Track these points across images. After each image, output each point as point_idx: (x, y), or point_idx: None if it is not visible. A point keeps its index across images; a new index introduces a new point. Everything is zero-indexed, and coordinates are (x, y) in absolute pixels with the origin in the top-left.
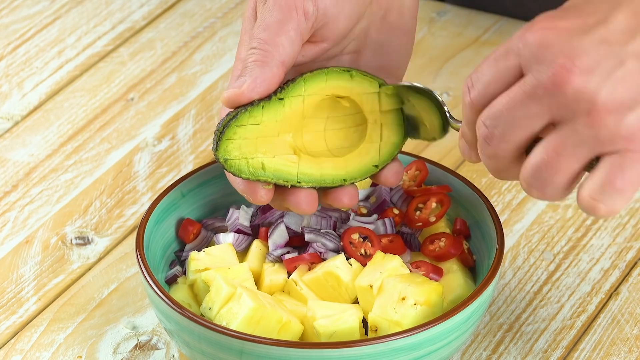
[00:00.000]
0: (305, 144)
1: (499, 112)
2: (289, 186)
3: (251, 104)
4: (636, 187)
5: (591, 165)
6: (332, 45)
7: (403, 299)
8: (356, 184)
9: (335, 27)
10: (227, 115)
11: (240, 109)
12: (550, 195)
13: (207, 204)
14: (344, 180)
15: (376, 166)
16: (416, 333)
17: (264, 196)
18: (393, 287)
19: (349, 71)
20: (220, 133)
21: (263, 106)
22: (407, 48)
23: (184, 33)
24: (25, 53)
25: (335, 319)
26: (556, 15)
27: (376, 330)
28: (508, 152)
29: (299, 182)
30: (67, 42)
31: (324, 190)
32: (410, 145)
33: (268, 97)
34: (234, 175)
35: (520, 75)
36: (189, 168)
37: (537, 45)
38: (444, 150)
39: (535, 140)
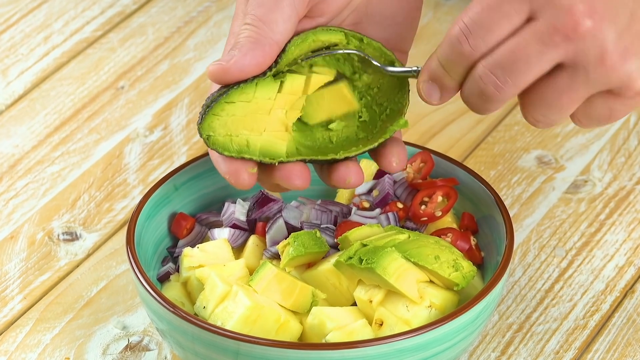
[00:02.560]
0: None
1: (511, 60)
2: (276, 163)
3: (245, 80)
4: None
5: None
6: (329, 19)
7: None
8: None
9: (333, 1)
10: (219, 90)
11: (233, 85)
12: (552, 123)
13: (201, 197)
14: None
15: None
16: (421, 333)
17: (246, 179)
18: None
19: (342, 32)
20: (207, 107)
21: (257, 83)
22: (412, 19)
23: (177, 18)
24: (9, 39)
25: (348, 331)
26: None
27: (381, 324)
28: (513, 95)
29: (288, 158)
30: (54, 27)
31: (328, 169)
32: (415, 135)
33: (263, 74)
34: (218, 153)
35: (526, 20)
36: (182, 160)
37: None
38: (450, 141)
39: None
